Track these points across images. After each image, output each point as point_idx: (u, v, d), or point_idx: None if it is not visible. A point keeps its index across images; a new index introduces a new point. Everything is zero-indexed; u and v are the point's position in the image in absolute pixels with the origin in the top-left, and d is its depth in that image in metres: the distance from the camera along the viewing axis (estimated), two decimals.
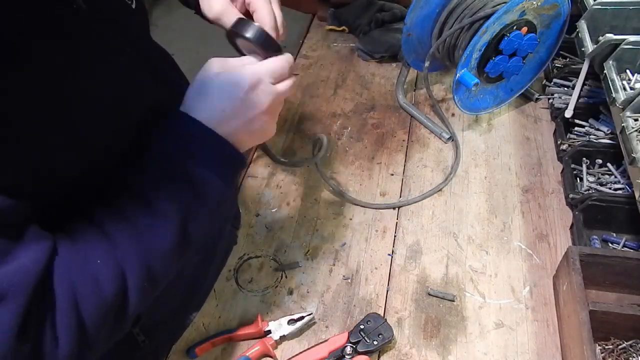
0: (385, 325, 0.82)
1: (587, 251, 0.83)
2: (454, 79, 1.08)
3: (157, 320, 0.76)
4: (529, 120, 1.23)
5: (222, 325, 0.86)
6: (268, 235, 1.00)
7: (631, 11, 1.03)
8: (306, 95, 1.33)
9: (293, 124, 1.25)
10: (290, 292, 0.91)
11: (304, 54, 1.47)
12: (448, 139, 1.18)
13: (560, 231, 0.98)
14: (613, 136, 1.08)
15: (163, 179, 0.56)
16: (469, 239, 0.98)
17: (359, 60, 1.44)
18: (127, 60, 0.60)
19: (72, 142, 0.52)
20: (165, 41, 0.77)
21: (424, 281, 0.92)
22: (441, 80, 1.36)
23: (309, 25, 1.59)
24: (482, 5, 1.06)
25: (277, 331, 0.83)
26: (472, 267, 0.93)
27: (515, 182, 1.08)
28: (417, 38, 1.18)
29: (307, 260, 0.95)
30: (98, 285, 0.50)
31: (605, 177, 1.05)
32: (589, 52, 0.99)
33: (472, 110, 1.19)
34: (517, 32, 1.04)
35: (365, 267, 0.94)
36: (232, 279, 0.93)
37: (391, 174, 1.12)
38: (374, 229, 1.00)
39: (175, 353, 0.83)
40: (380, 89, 1.34)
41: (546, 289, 0.89)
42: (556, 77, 1.26)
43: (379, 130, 1.22)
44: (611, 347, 0.79)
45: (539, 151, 1.14)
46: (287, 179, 1.11)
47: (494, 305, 0.88)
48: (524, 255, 0.95)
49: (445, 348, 0.83)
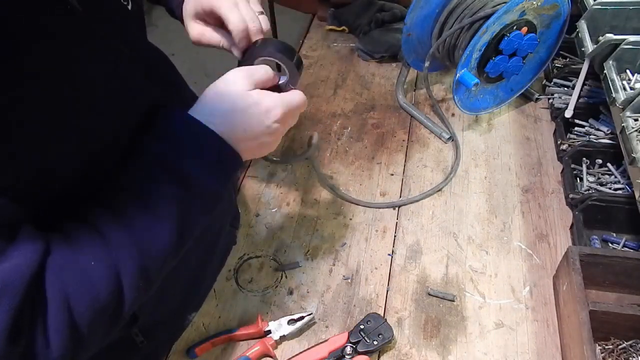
0: (385, 325, 0.82)
1: (587, 251, 0.83)
2: (454, 79, 1.08)
3: (155, 321, 0.76)
4: (529, 120, 1.23)
5: (222, 325, 0.86)
6: (268, 235, 1.00)
7: (631, 11, 1.04)
8: (306, 95, 1.32)
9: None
10: (290, 292, 0.91)
11: (304, 54, 1.47)
12: (448, 139, 1.18)
13: (560, 231, 0.98)
14: (613, 136, 1.08)
15: (159, 179, 0.56)
16: (469, 239, 0.98)
17: (359, 60, 1.44)
18: (123, 61, 0.60)
19: (69, 143, 0.52)
20: (165, 41, 0.77)
21: (424, 281, 0.92)
22: (441, 80, 1.36)
23: (309, 25, 1.59)
24: (482, 5, 1.06)
25: (277, 331, 0.83)
26: (472, 267, 0.93)
27: (515, 182, 1.08)
28: (417, 38, 1.19)
29: (307, 260, 0.95)
30: (91, 286, 0.50)
31: (605, 177, 1.05)
32: (589, 52, 0.99)
33: (472, 110, 1.19)
34: (517, 32, 1.04)
35: (365, 267, 0.94)
36: (232, 279, 0.93)
37: (391, 174, 1.12)
38: (374, 229, 1.00)
39: (175, 353, 0.83)
40: (380, 89, 1.34)
41: (546, 289, 0.89)
42: (556, 77, 1.26)
43: (379, 130, 1.22)
44: (611, 347, 0.79)
45: (539, 151, 1.14)
46: (287, 179, 1.11)
47: (494, 305, 0.88)
48: (524, 255, 0.95)
49: (445, 348, 0.83)
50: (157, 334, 0.78)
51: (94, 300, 0.50)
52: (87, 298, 0.49)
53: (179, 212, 0.56)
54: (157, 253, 0.55)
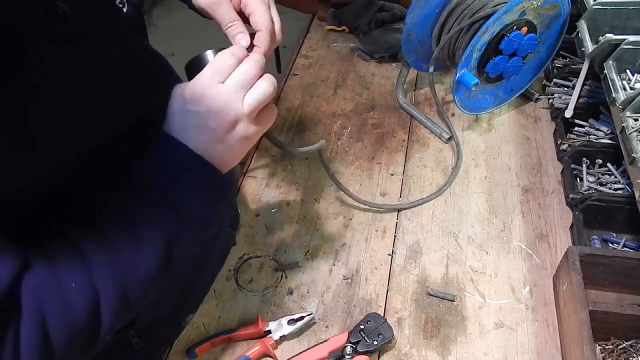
0: (385, 325, 0.82)
1: (587, 251, 0.83)
2: (454, 79, 1.08)
3: (152, 323, 0.75)
4: (529, 120, 1.23)
5: (222, 325, 0.86)
6: (268, 235, 1.00)
7: (631, 11, 1.04)
8: (306, 95, 1.33)
9: (293, 124, 1.25)
10: (290, 292, 0.91)
11: (304, 54, 1.47)
12: (448, 139, 1.18)
13: (560, 231, 0.98)
14: (613, 136, 1.08)
15: (145, 203, 0.54)
16: (469, 239, 0.98)
17: (359, 60, 1.44)
18: (118, 66, 0.59)
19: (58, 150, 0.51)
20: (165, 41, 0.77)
21: (424, 281, 0.92)
22: (441, 80, 1.36)
23: (309, 25, 1.59)
24: (482, 5, 1.06)
25: (277, 331, 0.83)
26: (472, 267, 0.93)
27: (515, 182, 1.08)
28: (417, 38, 1.18)
29: (307, 260, 0.95)
30: (68, 307, 0.48)
31: (605, 177, 1.05)
32: (589, 52, 0.99)
33: (472, 110, 1.19)
34: (517, 32, 1.04)
35: (365, 267, 0.94)
36: (232, 279, 0.93)
37: (391, 174, 1.12)
38: (374, 229, 1.00)
39: (175, 353, 0.83)
40: (380, 89, 1.34)
41: (546, 289, 0.89)
42: (556, 77, 1.26)
43: (379, 130, 1.22)
44: (611, 347, 0.79)
45: (539, 151, 1.14)
46: (287, 179, 1.11)
47: (494, 305, 0.88)
48: (524, 255, 0.95)
49: (445, 348, 0.83)
50: (154, 336, 0.78)
51: (70, 322, 0.49)
52: (63, 319, 0.48)
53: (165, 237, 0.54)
54: (140, 279, 0.54)
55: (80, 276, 0.50)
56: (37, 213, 0.52)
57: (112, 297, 0.51)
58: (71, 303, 0.49)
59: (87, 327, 0.50)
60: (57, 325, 0.48)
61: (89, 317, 0.50)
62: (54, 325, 0.47)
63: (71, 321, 0.49)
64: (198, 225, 0.58)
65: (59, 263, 0.49)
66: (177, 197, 0.55)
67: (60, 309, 0.48)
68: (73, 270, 0.50)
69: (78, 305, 0.49)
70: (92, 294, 0.50)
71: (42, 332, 0.47)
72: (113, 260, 0.52)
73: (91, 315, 0.50)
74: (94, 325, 0.51)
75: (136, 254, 0.53)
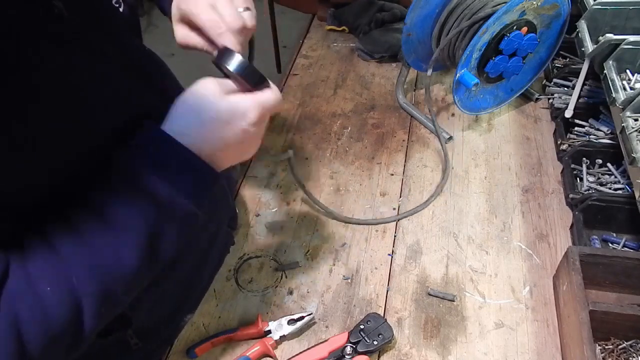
0: (385, 325, 0.82)
1: (587, 251, 0.83)
2: (454, 79, 1.08)
3: (150, 323, 0.75)
4: (529, 120, 1.23)
5: (222, 325, 0.86)
6: (268, 235, 1.00)
7: (631, 11, 1.04)
8: (306, 95, 1.33)
9: (293, 124, 1.25)
10: (290, 292, 0.91)
11: (304, 54, 1.47)
12: (448, 139, 1.18)
13: (560, 231, 0.98)
14: (613, 136, 1.08)
15: (126, 196, 0.53)
16: (469, 239, 0.98)
17: (359, 60, 1.44)
18: (116, 66, 0.59)
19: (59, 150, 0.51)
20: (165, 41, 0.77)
21: (424, 281, 0.92)
22: (441, 80, 1.36)
23: (309, 25, 1.59)
24: (482, 5, 1.06)
25: (277, 331, 0.83)
26: (472, 267, 0.93)
27: (515, 182, 1.08)
28: (417, 38, 1.19)
29: (307, 260, 0.95)
30: (44, 312, 0.47)
31: (605, 177, 1.05)
32: (589, 52, 0.99)
33: (472, 110, 1.19)
34: (517, 32, 1.04)
35: (365, 267, 0.94)
36: (232, 279, 0.93)
37: (391, 174, 1.12)
38: (374, 229, 1.00)
39: (175, 353, 0.83)
40: (380, 89, 1.34)
41: (546, 289, 0.89)
42: (556, 77, 1.26)
43: (379, 130, 1.22)
44: (611, 347, 0.79)
45: (539, 151, 1.14)
46: (287, 179, 1.11)
47: (494, 305, 0.88)
48: (524, 255, 0.95)
49: (445, 348, 0.83)
50: (152, 336, 0.77)
51: (47, 327, 0.47)
52: (39, 324, 0.47)
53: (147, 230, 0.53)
54: (122, 274, 0.52)
55: (57, 279, 0.48)
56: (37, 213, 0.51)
57: (92, 295, 0.50)
58: (47, 308, 0.47)
59: (67, 329, 0.49)
60: (33, 331, 0.47)
61: (68, 321, 0.49)
62: (29, 331, 0.46)
63: (48, 326, 0.48)
64: (182, 217, 0.56)
65: (36, 267, 0.48)
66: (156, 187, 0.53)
67: (35, 314, 0.47)
68: (48, 271, 0.48)
69: (55, 309, 0.48)
70: (70, 297, 0.49)
71: (16, 339, 0.46)
72: (92, 259, 0.50)
73: (71, 319, 0.49)
74: (75, 325, 0.50)
75: (115, 248, 0.51)
